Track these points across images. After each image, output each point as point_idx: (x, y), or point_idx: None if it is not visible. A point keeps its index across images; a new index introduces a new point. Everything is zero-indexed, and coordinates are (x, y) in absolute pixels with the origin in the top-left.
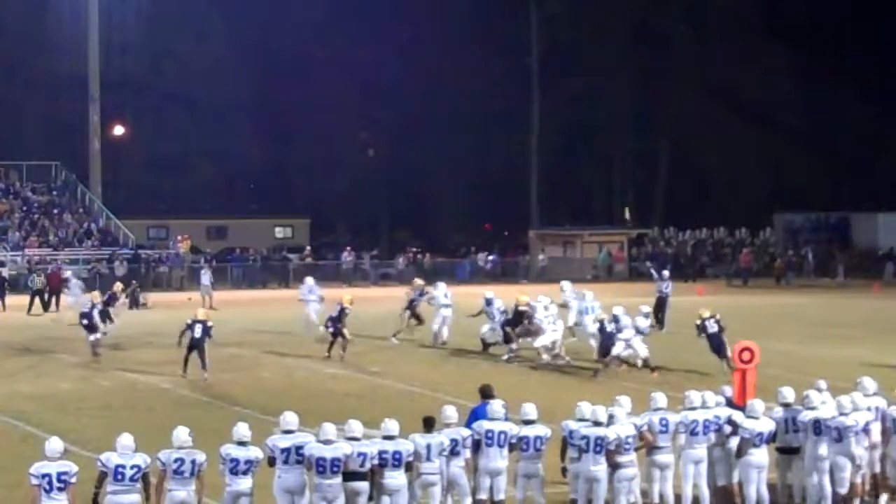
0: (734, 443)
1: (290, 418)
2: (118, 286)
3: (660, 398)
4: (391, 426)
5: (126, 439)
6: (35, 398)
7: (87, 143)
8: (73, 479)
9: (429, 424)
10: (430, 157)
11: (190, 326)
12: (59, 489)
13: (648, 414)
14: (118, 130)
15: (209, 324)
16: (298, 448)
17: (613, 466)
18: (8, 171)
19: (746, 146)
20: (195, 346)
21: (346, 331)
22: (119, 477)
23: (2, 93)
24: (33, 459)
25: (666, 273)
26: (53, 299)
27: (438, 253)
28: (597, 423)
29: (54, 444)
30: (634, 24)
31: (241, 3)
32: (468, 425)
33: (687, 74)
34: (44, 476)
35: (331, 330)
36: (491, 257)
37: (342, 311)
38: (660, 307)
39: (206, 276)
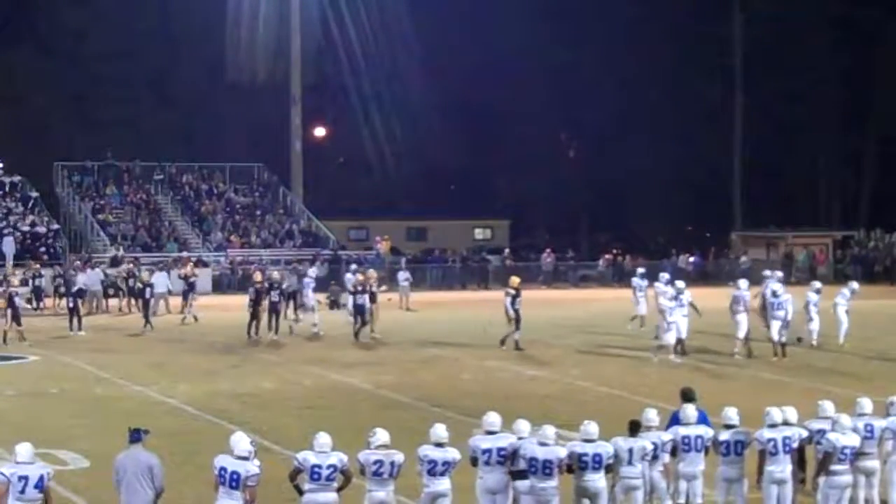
0: None
1: (492, 419)
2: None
3: (866, 404)
4: (591, 429)
5: (323, 438)
6: (236, 397)
7: (289, 144)
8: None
9: (634, 428)
10: (632, 158)
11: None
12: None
13: (854, 419)
14: (319, 132)
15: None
16: (500, 449)
17: (826, 473)
18: (212, 173)
19: None
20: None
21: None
22: (316, 476)
23: (205, 96)
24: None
25: None
26: None
27: (639, 254)
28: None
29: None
30: (839, 21)
31: (444, 6)
32: (668, 429)
33: (894, 72)
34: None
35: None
36: (692, 259)
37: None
38: None
39: (403, 276)
